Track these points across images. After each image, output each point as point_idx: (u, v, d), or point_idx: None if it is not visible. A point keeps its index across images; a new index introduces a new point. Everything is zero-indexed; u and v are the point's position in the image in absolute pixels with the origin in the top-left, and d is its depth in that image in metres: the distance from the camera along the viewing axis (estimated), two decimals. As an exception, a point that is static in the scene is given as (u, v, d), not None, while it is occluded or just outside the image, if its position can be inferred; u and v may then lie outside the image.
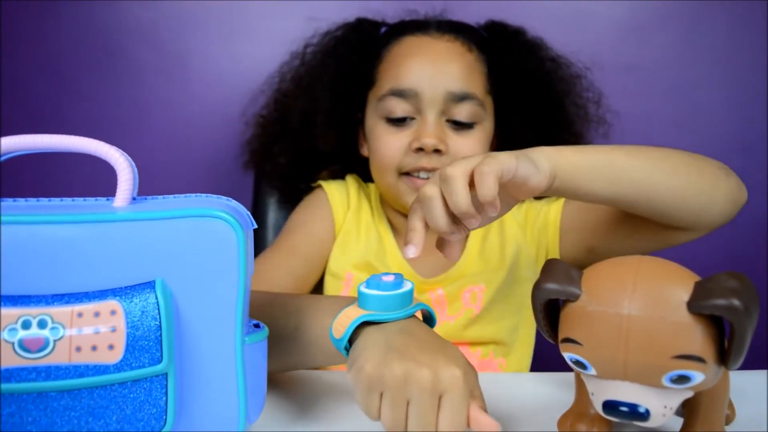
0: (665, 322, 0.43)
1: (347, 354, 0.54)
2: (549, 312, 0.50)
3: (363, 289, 0.55)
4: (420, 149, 0.87)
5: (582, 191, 0.64)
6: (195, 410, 0.51)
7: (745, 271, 0.47)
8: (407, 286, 0.56)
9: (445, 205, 0.59)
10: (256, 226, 0.54)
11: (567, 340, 0.47)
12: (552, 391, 0.68)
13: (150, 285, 0.48)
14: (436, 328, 0.58)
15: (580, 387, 0.57)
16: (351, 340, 0.55)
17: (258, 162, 1.08)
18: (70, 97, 1.27)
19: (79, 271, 0.48)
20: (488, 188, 0.55)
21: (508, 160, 0.58)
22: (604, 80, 1.18)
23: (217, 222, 0.49)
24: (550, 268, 0.49)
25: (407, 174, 0.89)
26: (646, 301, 0.44)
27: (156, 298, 0.47)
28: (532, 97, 0.96)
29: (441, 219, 0.58)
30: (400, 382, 0.48)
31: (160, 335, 0.47)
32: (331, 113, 0.98)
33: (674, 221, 0.70)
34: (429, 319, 0.59)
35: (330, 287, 0.96)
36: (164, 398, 0.49)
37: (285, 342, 0.63)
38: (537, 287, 0.48)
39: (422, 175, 0.88)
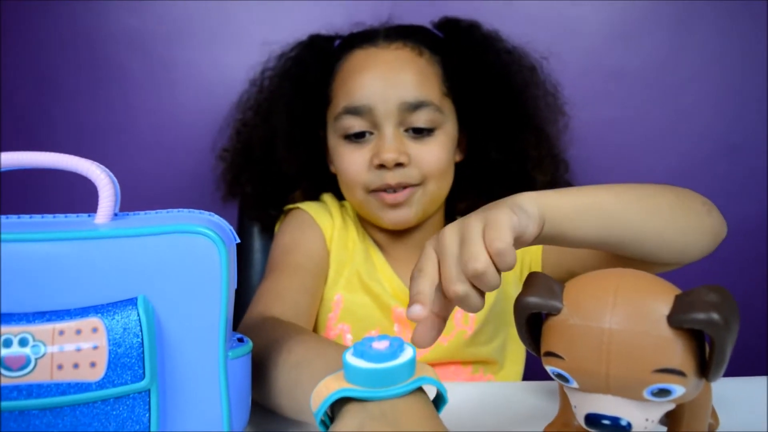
0: (646, 336, 0.43)
1: (325, 430, 0.47)
2: (532, 325, 0.50)
3: (348, 357, 0.46)
4: (381, 165, 0.86)
5: (568, 238, 0.59)
6: (179, 426, 0.51)
7: (732, 274, 0.47)
8: (404, 357, 0.46)
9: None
10: (239, 241, 0.54)
11: (549, 353, 0.47)
12: (539, 401, 0.68)
13: (132, 302, 0.48)
14: (430, 351, 0.53)
15: (564, 398, 0.57)
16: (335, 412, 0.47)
17: (231, 194, 1.08)
18: (54, 103, 1.26)
19: (60, 288, 0.47)
20: (503, 239, 0.49)
21: (510, 217, 0.51)
22: (592, 86, 1.18)
23: (199, 238, 0.49)
24: (532, 281, 0.49)
25: (375, 191, 0.89)
26: (626, 315, 0.44)
27: (138, 315, 0.47)
28: (491, 92, 0.95)
29: (460, 275, 0.49)
30: None
31: (143, 352, 0.47)
32: (291, 136, 0.98)
33: (657, 260, 0.67)
34: (439, 397, 0.49)
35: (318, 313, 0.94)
36: (147, 415, 0.48)
37: (282, 396, 0.59)
38: (519, 301, 0.48)
39: (388, 190, 0.88)
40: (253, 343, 0.60)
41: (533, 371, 0.97)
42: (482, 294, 0.50)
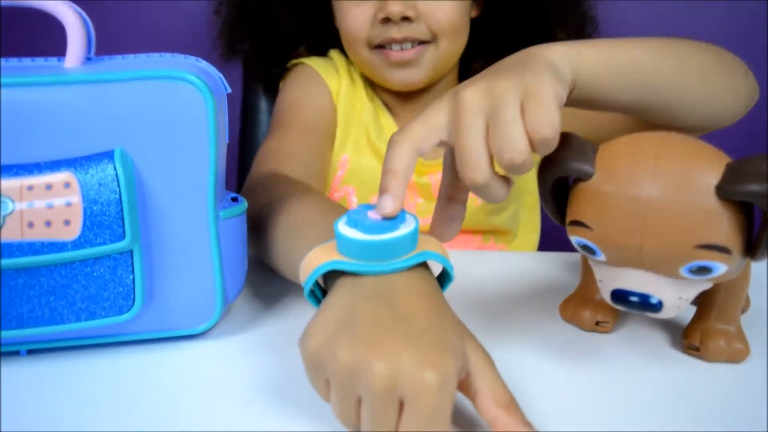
0: (689, 208, 0.38)
1: (316, 304, 0.43)
2: (556, 191, 0.45)
3: (340, 227, 0.41)
4: (387, 19, 0.78)
5: (596, 102, 0.49)
6: (167, 289, 0.47)
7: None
8: (405, 229, 0.40)
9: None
10: (229, 91, 0.48)
11: (575, 222, 0.42)
12: (555, 272, 0.64)
13: (108, 155, 0.43)
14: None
15: (586, 271, 0.53)
16: (329, 285, 0.43)
17: (229, 53, 0.99)
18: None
19: (27, 139, 0.42)
20: (553, 124, 0.39)
21: (555, 88, 0.41)
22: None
23: (182, 84, 0.43)
24: (562, 141, 0.43)
25: (380, 46, 0.81)
26: (668, 183, 0.39)
27: (115, 169, 0.42)
28: None
29: (483, 160, 0.39)
30: (344, 374, 0.36)
31: (121, 209, 0.43)
32: None
33: (686, 125, 0.58)
34: (445, 274, 0.44)
35: None
36: (131, 276, 0.45)
37: (280, 259, 0.54)
38: (546, 163, 0.43)
39: (394, 47, 0.80)
40: (255, 200, 0.56)
41: (548, 243, 0.93)
42: (507, 182, 0.41)
